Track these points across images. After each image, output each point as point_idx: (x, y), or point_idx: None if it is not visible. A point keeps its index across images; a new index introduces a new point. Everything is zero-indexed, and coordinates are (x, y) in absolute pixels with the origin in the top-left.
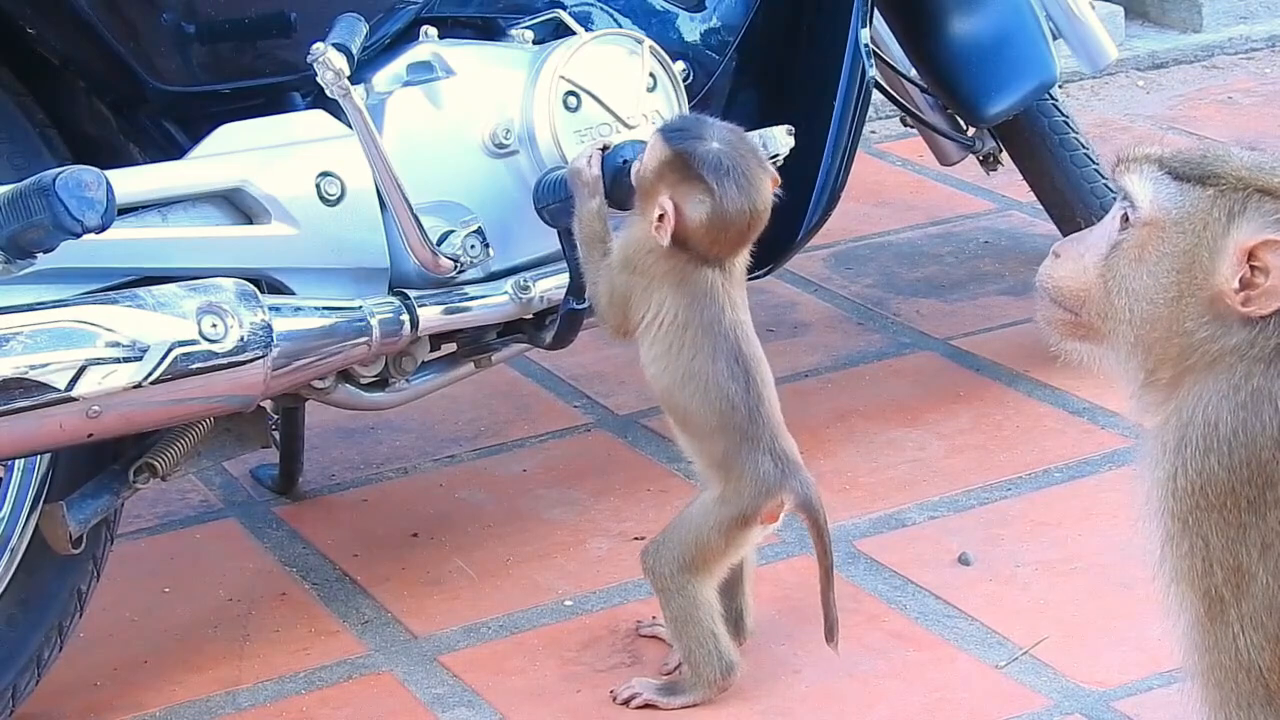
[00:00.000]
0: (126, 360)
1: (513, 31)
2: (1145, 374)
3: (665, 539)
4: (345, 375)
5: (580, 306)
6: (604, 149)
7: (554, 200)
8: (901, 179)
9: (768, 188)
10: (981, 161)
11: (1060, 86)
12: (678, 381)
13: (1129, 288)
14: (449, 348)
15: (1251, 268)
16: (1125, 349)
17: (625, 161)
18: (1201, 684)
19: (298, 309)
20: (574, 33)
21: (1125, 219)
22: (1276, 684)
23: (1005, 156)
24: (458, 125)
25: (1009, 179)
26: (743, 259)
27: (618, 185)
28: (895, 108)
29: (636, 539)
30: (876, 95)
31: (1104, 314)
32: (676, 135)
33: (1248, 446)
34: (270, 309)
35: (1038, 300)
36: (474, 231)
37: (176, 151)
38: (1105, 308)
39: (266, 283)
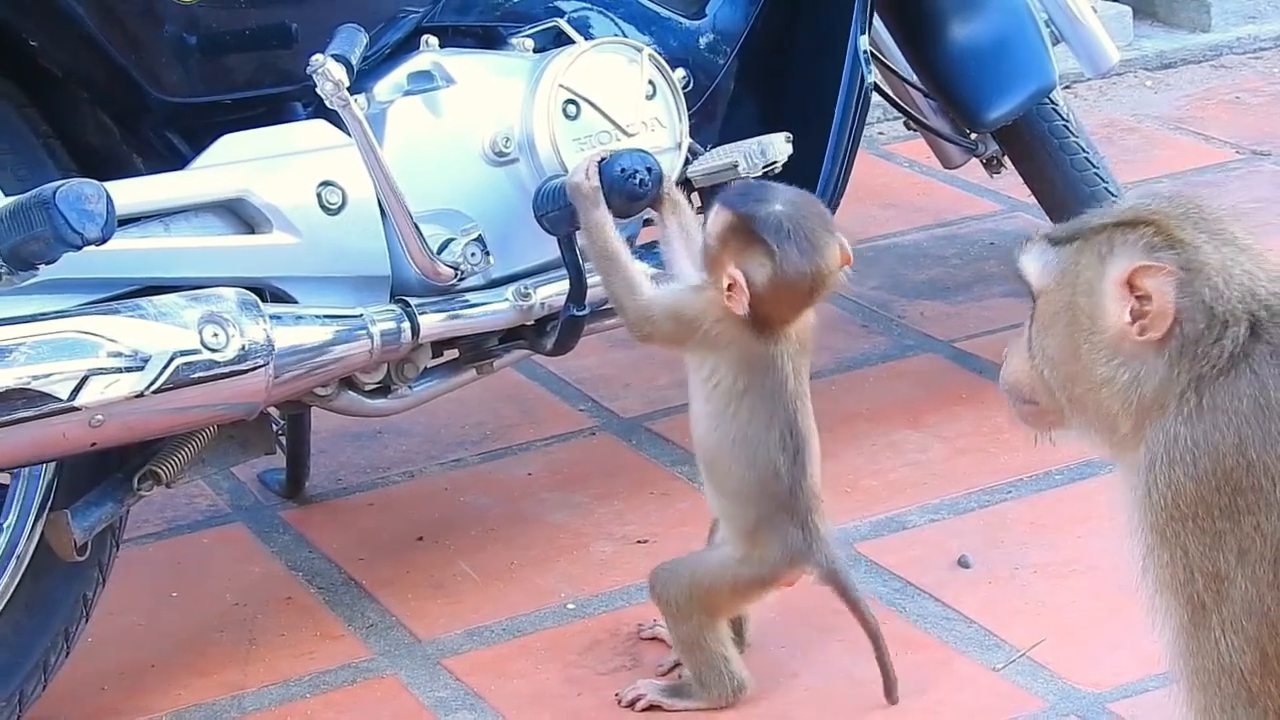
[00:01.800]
0: (128, 370)
1: (513, 40)
2: (1109, 434)
3: (676, 572)
4: (348, 382)
5: (581, 313)
6: (600, 160)
7: (554, 208)
8: (908, 180)
9: (834, 252)
10: (985, 164)
11: (1068, 87)
12: (726, 444)
13: (1048, 358)
14: (451, 354)
15: (1138, 298)
16: (1078, 418)
17: (623, 170)
18: (1187, 689)
19: (299, 318)
20: (573, 41)
21: (1032, 298)
22: (1259, 686)
23: (1008, 159)
24: (458, 134)
25: (1015, 181)
26: (809, 327)
27: (616, 194)
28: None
29: (640, 542)
30: (880, 97)
31: (1047, 392)
32: (738, 200)
33: (1210, 455)
34: (272, 318)
35: (1007, 401)
36: (474, 239)
37: (179, 162)
38: (1043, 386)
39: (268, 292)
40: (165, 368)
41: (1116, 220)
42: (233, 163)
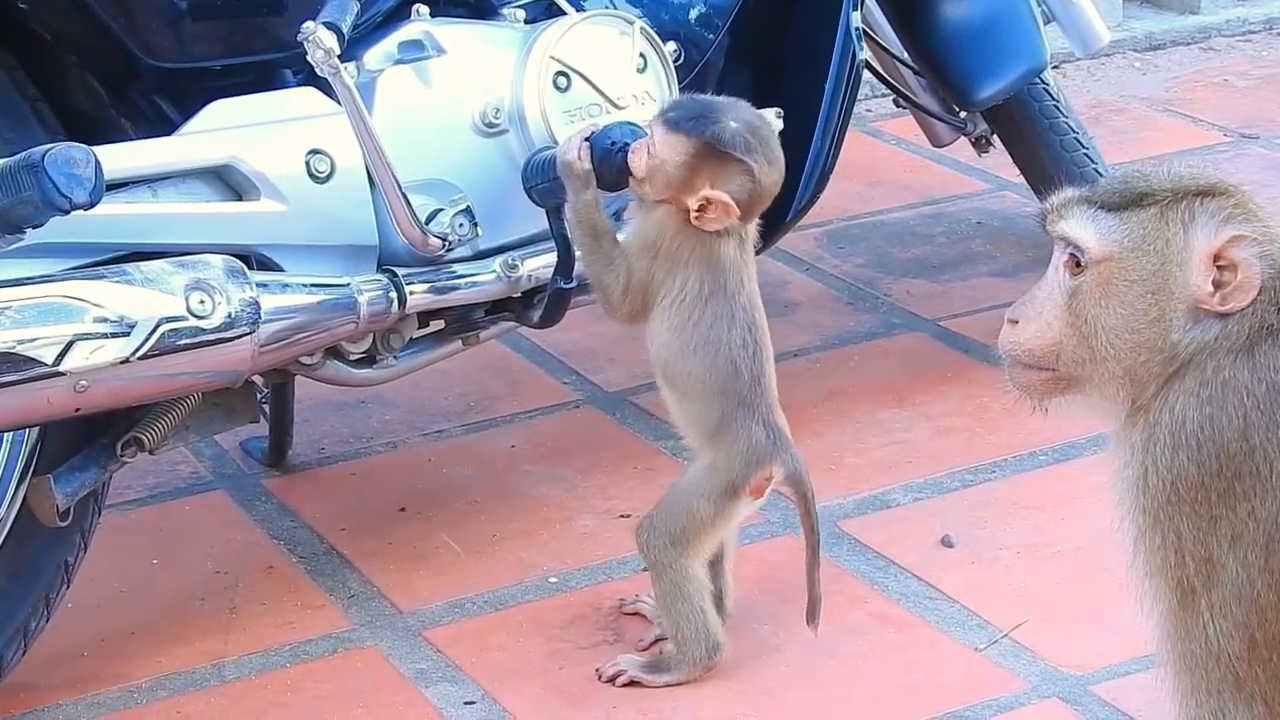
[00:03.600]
0: (114, 336)
1: (504, 11)
2: (1134, 399)
3: (658, 512)
4: (333, 351)
5: (568, 286)
6: (589, 136)
7: (543, 180)
8: (896, 158)
9: (778, 145)
10: (974, 143)
11: (1056, 67)
12: (689, 348)
13: (1104, 325)
14: (437, 325)
15: (1219, 268)
16: (1112, 384)
17: (613, 144)
18: (1174, 672)
19: (286, 286)
20: (565, 13)
21: (1076, 264)
22: (1245, 671)
23: (997, 138)
24: (448, 104)
25: (1002, 160)
26: (754, 225)
27: (606, 167)
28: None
29: (623, 516)
30: (870, 74)
31: (1084, 359)
32: (692, 124)
33: (1215, 440)
34: (258, 285)
35: (1007, 369)
36: (462, 210)
37: (168, 127)
38: (1084, 353)
39: (255, 259)
40: (151, 334)
41: (1193, 188)
42: (222, 129)
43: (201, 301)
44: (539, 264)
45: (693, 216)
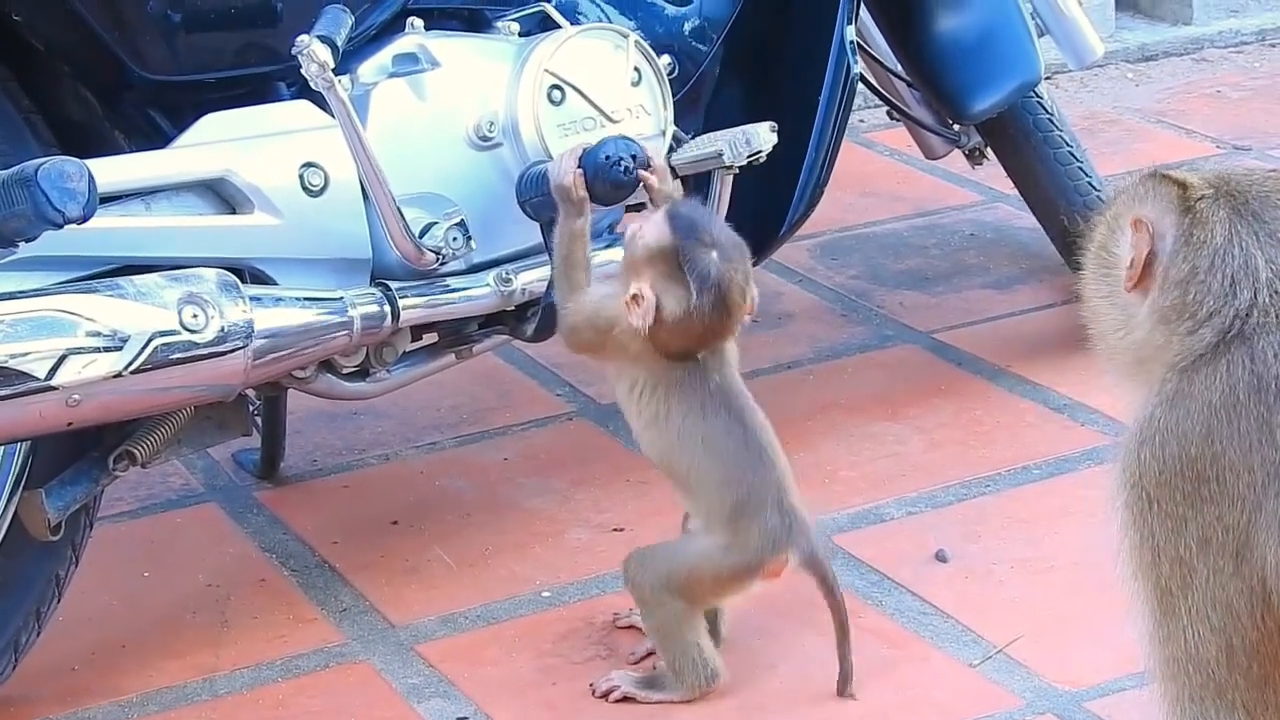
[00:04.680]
0: (107, 350)
1: (499, 24)
2: (1127, 385)
3: (654, 557)
4: (326, 365)
5: None
6: (581, 156)
7: (537, 194)
8: (889, 169)
9: (743, 311)
10: (967, 156)
11: (1049, 79)
12: (673, 444)
13: (1084, 287)
14: (430, 338)
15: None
16: (1106, 361)
17: (607, 157)
18: (1159, 680)
19: (279, 299)
20: (559, 26)
21: None
22: (1225, 678)
23: (990, 151)
24: (442, 117)
25: (996, 172)
26: (730, 342)
27: (600, 181)
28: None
29: (616, 530)
30: (864, 87)
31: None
32: (686, 228)
33: (1178, 440)
34: (251, 299)
35: None
36: (456, 224)
37: (161, 140)
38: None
39: (249, 272)
40: (144, 348)
41: (1165, 172)
42: (215, 142)
43: (194, 315)
44: (533, 277)
45: (625, 299)
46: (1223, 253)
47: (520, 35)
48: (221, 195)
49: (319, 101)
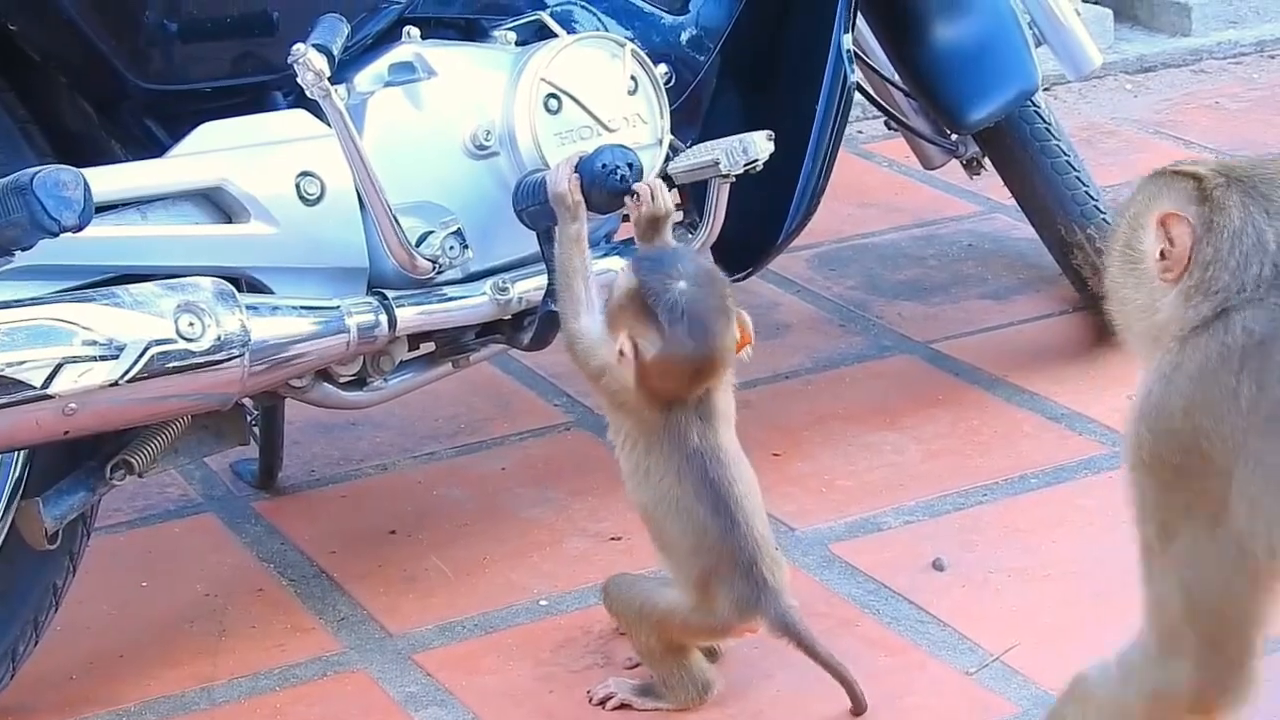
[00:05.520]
0: (103, 358)
1: (495, 33)
2: (1146, 359)
3: (630, 591)
4: (323, 374)
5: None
6: (578, 164)
7: (534, 202)
8: (886, 180)
9: (729, 336)
10: (965, 166)
11: (1047, 89)
12: (652, 501)
13: (1109, 274)
14: (427, 347)
15: (1168, 239)
16: (1126, 335)
17: (604, 166)
18: (1144, 612)
19: (275, 308)
20: (556, 35)
21: None
22: (1182, 629)
23: (988, 161)
24: (438, 126)
25: (994, 182)
26: (724, 394)
27: (596, 190)
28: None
29: (613, 539)
30: (862, 97)
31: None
32: (646, 267)
33: (1166, 417)
34: (248, 308)
35: None
36: (453, 232)
37: (158, 149)
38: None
39: (245, 282)
40: (140, 357)
41: (1175, 169)
42: (211, 151)
43: (191, 324)
44: (530, 286)
45: (617, 358)
46: (1240, 233)
47: (517, 44)
48: (218, 204)
49: (315, 111)
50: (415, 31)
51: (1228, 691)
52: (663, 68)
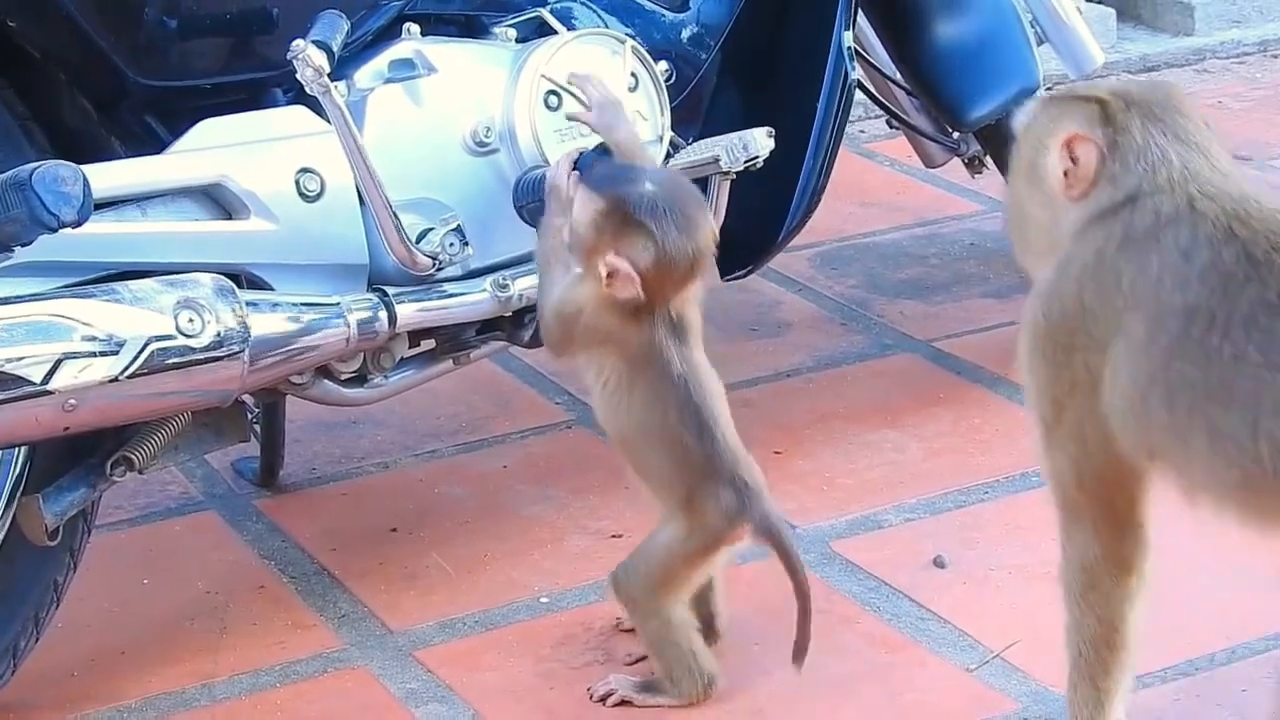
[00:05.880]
0: (103, 354)
1: (495, 30)
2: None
3: (633, 564)
4: (324, 371)
5: None
6: (577, 159)
7: (534, 199)
8: (888, 179)
9: (708, 227)
10: (966, 164)
11: (1049, 89)
12: (632, 433)
13: (1012, 194)
14: (428, 344)
15: (1071, 159)
16: (1021, 248)
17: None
18: (1049, 489)
19: (275, 305)
20: (556, 32)
21: None
22: (1076, 496)
23: (990, 159)
24: (438, 123)
25: (996, 181)
26: (692, 307)
27: None
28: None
29: (614, 536)
30: (863, 95)
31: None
32: (606, 184)
33: (1060, 299)
34: (248, 305)
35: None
36: (453, 229)
37: (157, 145)
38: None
39: (245, 278)
40: (140, 353)
41: (1077, 93)
42: (211, 148)
43: (191, 320)
44: (530, 283)
45: (604, 285)
46: (1143, 151)
47: (517, 41)
48: (218, 201)
49: (315, 107)
50: (415, 28)
51: (1125, 555)
52: (663, 65)
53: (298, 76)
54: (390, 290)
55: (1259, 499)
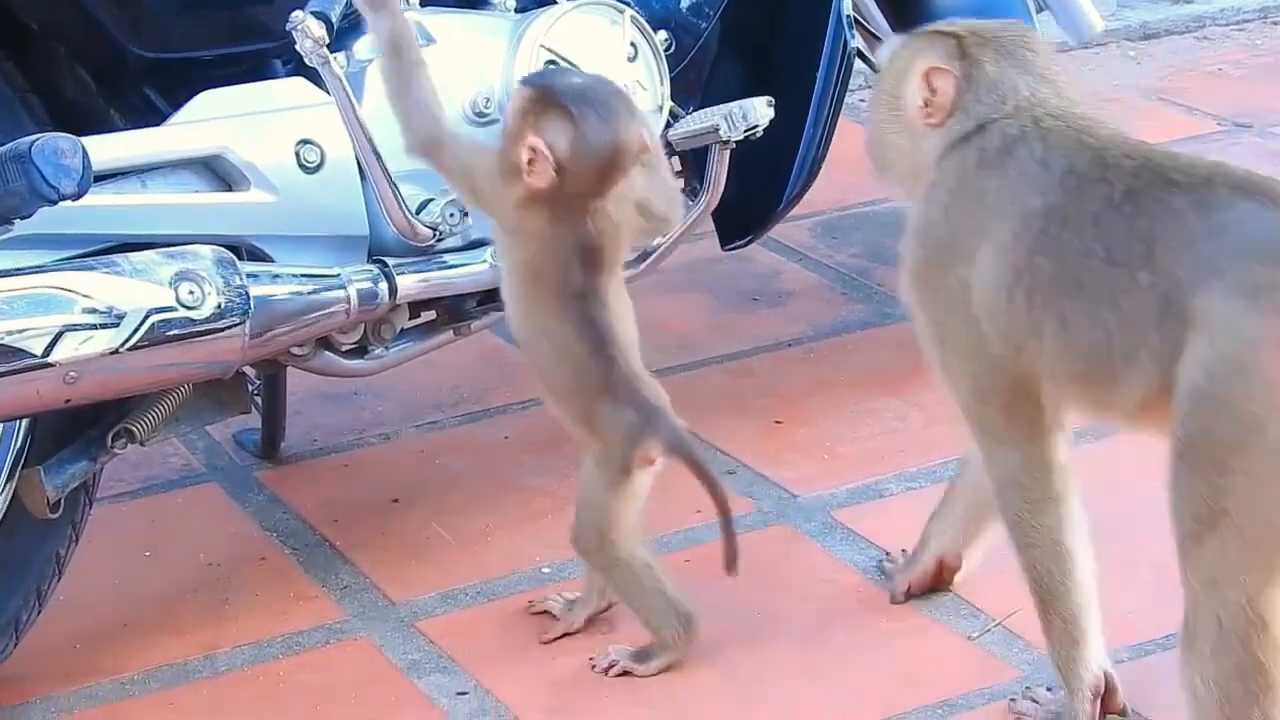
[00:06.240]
0: (103, 326)
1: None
2: (904, 194)
3: (578, 518)
4: (324, 342)
5: None
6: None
7: None
8: None
9: (634, 128)
10: None
11: None
12: (533, 335)
13: (875, 123)
14: (429, 315)
15: (931, 90)
16: (889, 176)
17: None
18: (962, 421)
19: (276, 276)
20: (555, 1)
21: None
22: (981, 411)
23: None
24: (438, 93)
25: None
26: (617, 241)
27: None
28: None
29: None
30: (863, 65)
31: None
32: (536, 76)
33: (932, 227)
34: (248, 276)
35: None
36: (453, 200)
37: (157, 118)
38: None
39: (245, 250)
40: (140, 325)
41: (936, 30)
42: (211, 119)
43: (191, 292)
44: None
45: (526, 169)
46: (996, 80)
47: (516, 11)
48: (218, 172)
49: (314, 78)
50: None
51: (1047, 457)
52: (662, 34)
53: (297, 48)
54: (391, 261)
55: (1089, 385)
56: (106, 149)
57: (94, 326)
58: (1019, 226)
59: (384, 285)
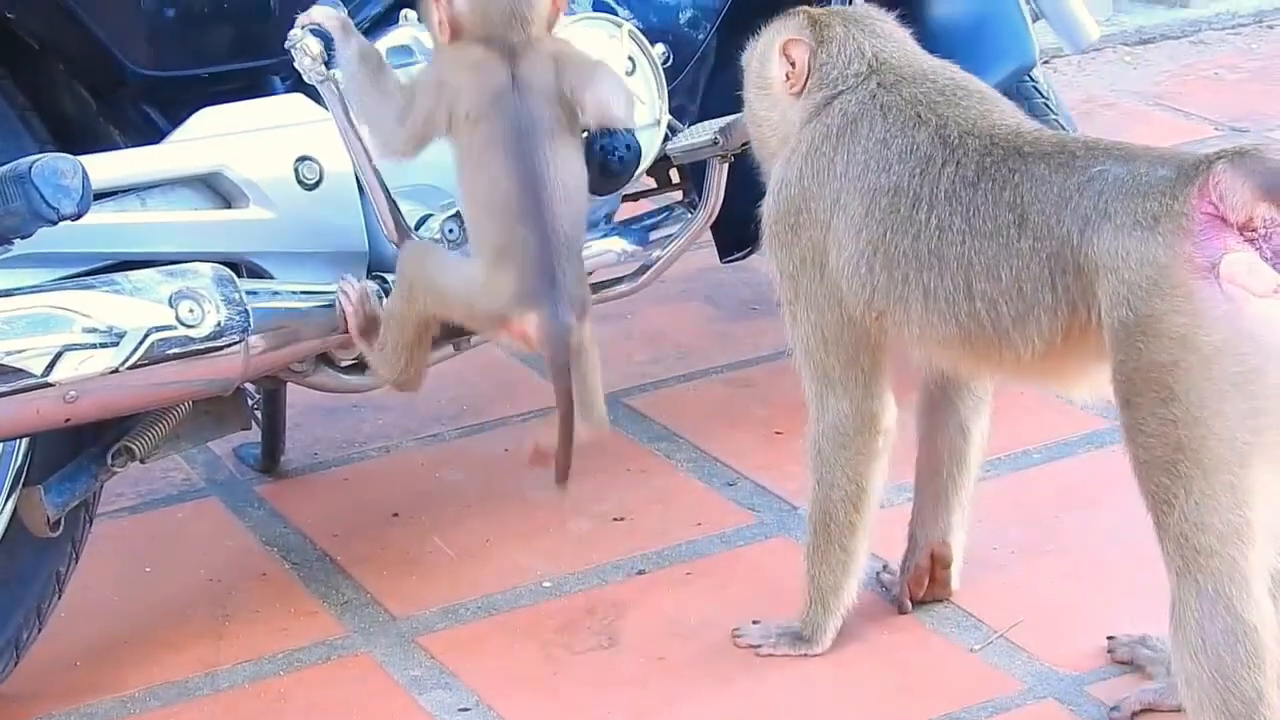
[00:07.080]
0: (103, 345)
1: None
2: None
3: (429, 260)
4: (324, 358)
5: None
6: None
7: None
8: None
9: None
10: None
11: (1046, 62)
12: (464, 168)
13: (747, 104)
14: None
15: (790, 63)
16: (759, 149)
17: (602, 148)
18: (798, 369)
19: (275, 293)
20: None
21: None
22: (823, 359)
23: None
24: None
25: None
26: (547, 58)
27: (593, 170)
28: None
29: (617, 519)
30: None
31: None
32: None
33: (786, 187)
34: (248, 293)
35: None
36: (451, 215)
37: (156, 135)
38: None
39: (245, 267)
40: (140, 344)
41: (790, 12)
42: (210, 137)
43: (191, 310)
44: None
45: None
46: (844, 43)
47: None
48: (217, 190)
49: (313, 95)
50: (412, 14)
51: (875, 411)
52: (660, 48)
53: (295, 65)
54: (389, 277)
55: (973, 350)
56: (106, 167)
57: (94, 346)
58: (870, 202)
59: (383, 301)
